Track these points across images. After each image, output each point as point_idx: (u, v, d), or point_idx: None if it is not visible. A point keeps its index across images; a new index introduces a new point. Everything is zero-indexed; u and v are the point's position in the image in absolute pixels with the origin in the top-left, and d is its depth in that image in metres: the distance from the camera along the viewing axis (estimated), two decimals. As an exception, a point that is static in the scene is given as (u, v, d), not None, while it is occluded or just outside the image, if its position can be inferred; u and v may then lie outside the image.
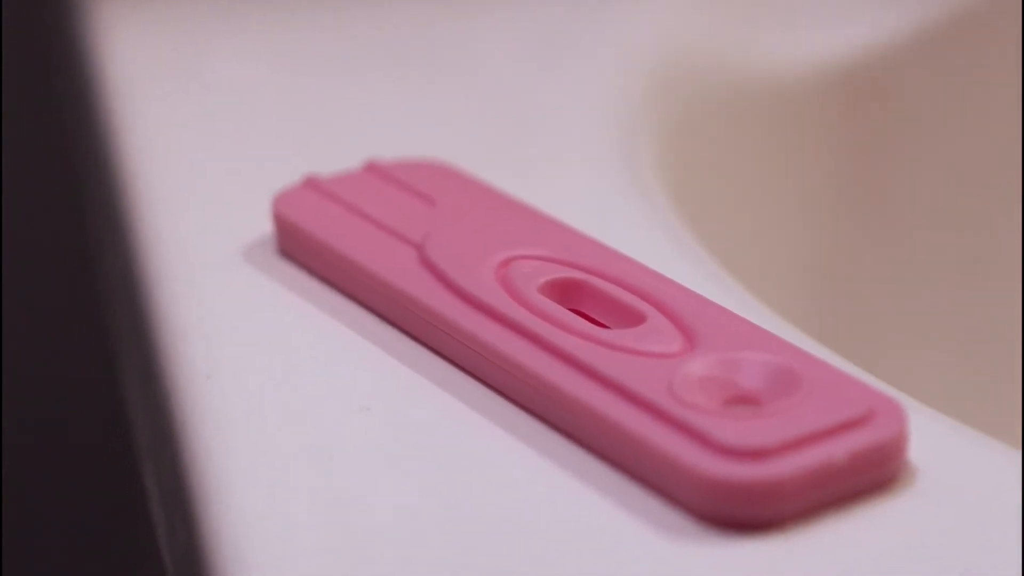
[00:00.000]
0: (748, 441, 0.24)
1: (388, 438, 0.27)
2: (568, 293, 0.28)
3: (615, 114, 0.37)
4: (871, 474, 0.24)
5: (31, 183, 0.56)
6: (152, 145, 0.37)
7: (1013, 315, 0.43)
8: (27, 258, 0.56)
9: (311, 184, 0.32)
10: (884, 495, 0.24)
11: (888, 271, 0.43)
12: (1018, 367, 0.43)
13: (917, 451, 0.25)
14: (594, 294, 0.28)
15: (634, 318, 0.27)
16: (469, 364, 0.28)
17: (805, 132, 0.42)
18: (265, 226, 0.32)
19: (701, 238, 0.33)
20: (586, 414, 0.26)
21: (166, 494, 0.29)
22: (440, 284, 0.29)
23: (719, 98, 0.41)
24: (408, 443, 0.27)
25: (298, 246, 0.31)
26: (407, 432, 0.27)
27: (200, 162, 0.36)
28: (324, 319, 0.30)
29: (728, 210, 0.40)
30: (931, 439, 0.25)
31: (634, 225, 0.33)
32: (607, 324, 0.28)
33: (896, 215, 0.43)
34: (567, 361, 0.26)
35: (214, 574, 0.24)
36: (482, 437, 0.26)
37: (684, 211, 0.34)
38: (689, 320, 0.27)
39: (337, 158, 0.34)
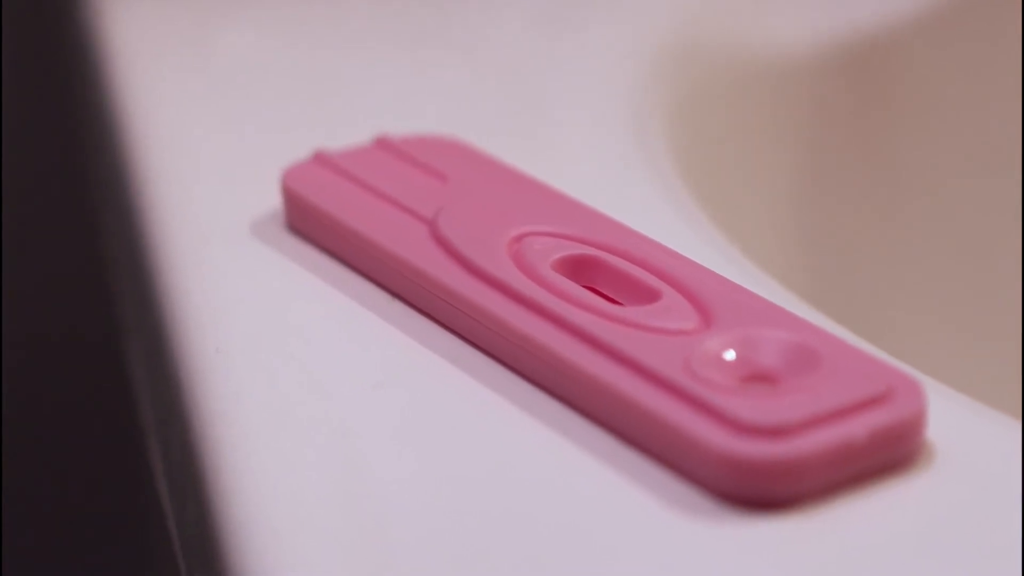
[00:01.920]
0: (766, 419, 0.24)
1: (400, 414, 0.26)
2: (581, 270, 0.28)
3: (625, 90, 0.37)
4: (890, 452, 0.24)
5: (36, 159, 0.56)
6: (158, 120, 0.36)
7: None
8: (32, 234, 0.56)
9: (321, 159, 0.32)
10: (903, 474, 0.24)
11: (898, 248, 0.43)
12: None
13: (935, 430, 0.25)
14: (608, 271, 0.28)
15: (649, 295, 0.27)
16: (481, 340, 0.27)
17: (814, 109, 0.42)
18: (274, 201, 0.32)
19: (711, 216, 0.32)
20: (602, 391, 0.25)
21: (174, 470, 0.29)
22: (452, 260, 0.28)
23: (728, 74, 0.40)
24: (421, 419, 0.26)
25: (308, 221, 0.31)
26: (420, 408, 0.27)
27: (207, 137, 0.36)
28: (334, 294, 0.29)
29: (737, 187, 0.40)
30: (950, 418, 0.25)
31: (646, 202, 0.32)
32: (621, 301, 0.27)
33: (905, 192, 0.43)
34: (582, 338, 0.26)
35: (226, 550, 0.24)
36: (495, 414, 0.26)
37: (694, 188, 0.34)
38: (704, 297, 0.27)
39: (346, 133, 0.33)
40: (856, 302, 0.42)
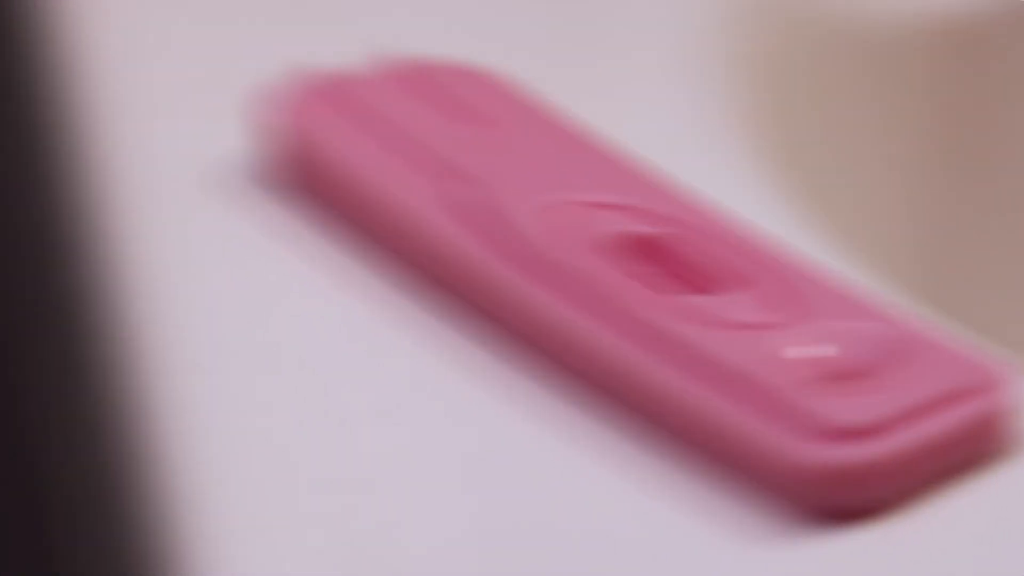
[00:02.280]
0: (855, 418, 0.23)
1: (399, 408, 0.25)
2: (648, 251, 0.26)
3: (698, 40, 0.34)
4: (982, 446, 0.24)
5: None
6: (105, 44, 0.32)
7: None
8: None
9: (305, 85, 0.28)
10: (996, 467, 0.24)
11: (995, 231, 0.41)
12: None
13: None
14: (677, 254, 0.26)
15: (726, 283, 0.26)
16: (518, 336, 0.25)
17: (907, 82, 0.39)
18: (244, 140, 0.28)
19: (798, 190, 0.31)
20: (672, 395, 0.24)
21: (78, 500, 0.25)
22: (477, 232, 0.26)
23: (812, 44, 0.37)
24: (435, 453, 0.24)
25: (289, 166, 0.28)
26: (436, 441, 0.25)
27: (164, 55, 0.32)
28: (324, 272, 0.27)
29: (823, 162, 0.38)
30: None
31: (723, 169, 0.30)
32: (690, 290, 0.26)
33: (1005, 173, 0.41)
34: (646, 333, 0.24)
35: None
36: (534, 417, 0.24)
37: (782, 157, 0.32)
38: (788, 287, 0.26)
39: (341, 52, 0.29)
40: (946, 286, 0.40)
